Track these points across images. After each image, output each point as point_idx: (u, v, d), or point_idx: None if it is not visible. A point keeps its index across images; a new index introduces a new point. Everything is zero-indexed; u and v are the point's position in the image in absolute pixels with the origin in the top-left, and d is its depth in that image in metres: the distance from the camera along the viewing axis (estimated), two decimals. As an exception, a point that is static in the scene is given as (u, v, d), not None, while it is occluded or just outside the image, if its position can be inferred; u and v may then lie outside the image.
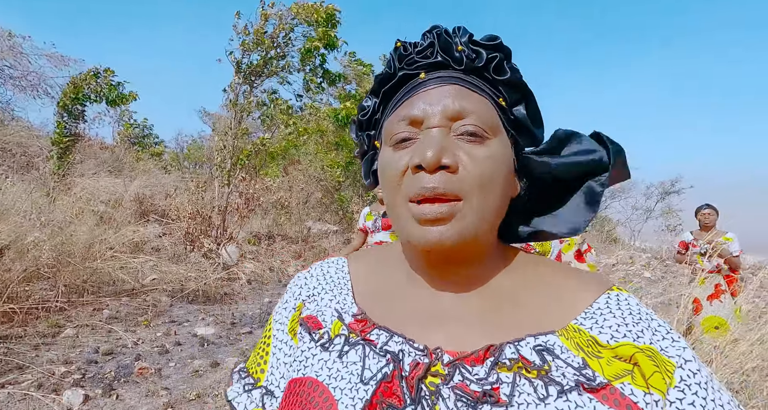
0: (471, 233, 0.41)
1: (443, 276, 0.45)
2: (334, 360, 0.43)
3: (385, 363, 0.41)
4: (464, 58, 0.44)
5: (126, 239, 5.71)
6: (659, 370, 0.37)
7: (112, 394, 2.58)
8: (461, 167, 0.40)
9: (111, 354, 3.18)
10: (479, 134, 0.42)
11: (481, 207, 0.41)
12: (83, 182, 6.98)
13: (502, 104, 0.45)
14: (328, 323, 0.46)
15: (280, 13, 6.76)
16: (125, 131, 10.59)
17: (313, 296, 0.51)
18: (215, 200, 7.17)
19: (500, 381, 0.38)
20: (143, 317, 4.07)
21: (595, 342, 0.39)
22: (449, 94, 0.43)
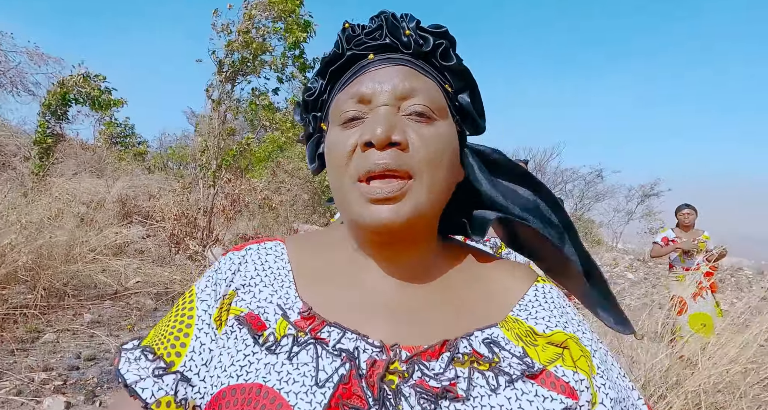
0: (421, 211, 0.41)
1: (390, 260, 0.45)
2: (282, 363, 0.39)
3: (340, 362, 0.38)
4: (412, 42, 0.44)
5: (108, 241, 5.58)
6: (584, 355, 0.42)
7: (95, 401, 2.51)
8: (411, 145, 0.40)
9: (93, 359, 3.09)
10: (427, 115, 0.42)
11: (431, 185, 0.41)
12: (63, 182, 6.80)
13: (448, 90, 0.46)
14: (272, 322, 0.42)
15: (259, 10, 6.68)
16: (107, 131, 10.36)
17: (249, 287, 0.45)
18: (200, 202, 7.06)
19: (457, 376, 0.39)
20: (127, 321, 3.98)
21: (532, 332, 0.43)
22: (398, 74, 0.43)
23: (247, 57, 6.75)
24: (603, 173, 20.67)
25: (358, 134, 0.41)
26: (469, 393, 0.38)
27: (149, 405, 0.40)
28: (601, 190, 20.92)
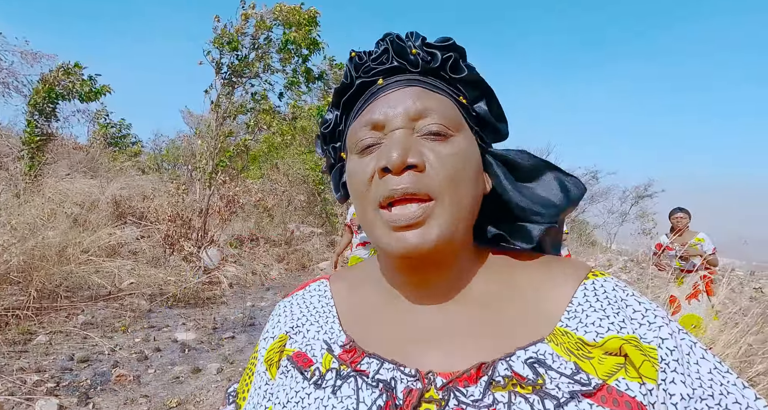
0: (448, 234, 0.40)
1: (422, 286, 0.44)
2: (328, 397, 0.40)
3: (378, 393, 0.39)
4: (420, 60, 0.44)
5: (102, 242, 5.53)
6: (647, 358, 0.36)
7: (88, 403, 2.48)
8: (428, 166, 0.40)
9: (87, 361, 3.06)
10: (443, 133, 0.41)
11: (455, 205, 0.40)
12: (56, 183, 6.74)
13: (463, 102, 0.45)
14: (318, 357, 0.44)
15: (261, 12, 6.70)
16: (100, 131, 10.28)
17: (298, 328, 0.48)
18: (196, 203, 7.02)
19: (496, 402, 0.36)
20: (120, 322, 3.94)
21: (583, 344, 0.38)
22: (409, 96, 0.42)
23: (244, 59, 6.75)
24: (598, 175, 20.80)
25: (375, 161, 0.41)
26: None
27: None
28: (596, 191, 21.05)
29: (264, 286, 6.06)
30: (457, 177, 0.40)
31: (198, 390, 2.76)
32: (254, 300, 5.24)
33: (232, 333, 3.93)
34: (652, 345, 0.37)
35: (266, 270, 6.70)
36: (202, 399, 2.64)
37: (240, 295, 5.48)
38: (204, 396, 2.67)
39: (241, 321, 4.30)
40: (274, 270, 6.82)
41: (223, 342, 3.69)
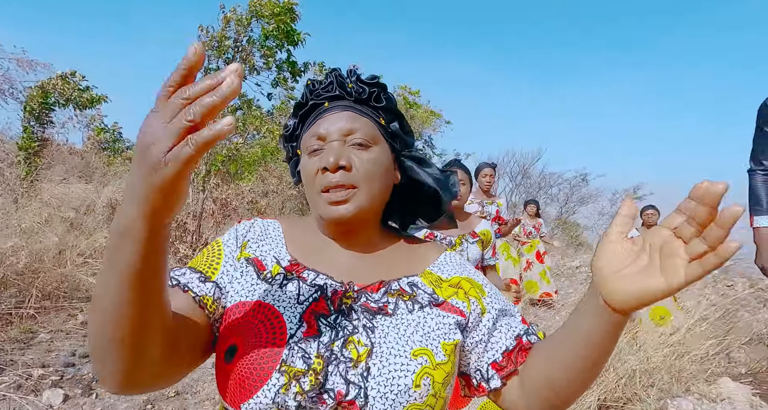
0: (362, 210, 0.61)
1: (344, 241, 0.67)
2: (276, 290, 0.59)
3: (314, 291, 0.59)
4: (354, 92, 0.65)
5: (98, 244, 5.68)
6: (474, 287, 0.66)
7: (91, 394, 2.65)
8: (353, 167, 0.61)
9: (88, 356, 3.22)
10: (364, 144, 0.63)
11: (369, 192, 0.62)
12: (53, 188, 6.87)
13: (381, 122, 0.66)
14: (269, 266, 0.62)
15: (241, 15, 6.84)
16: (95, 136, 10.40)
17: (255, 241, 0.66)
18: (189, 206, 7.17)
19: (388, 302, 0.60)
20: (118, 321, 4.10)
21: (439, 279, 0.66)
22: (344, 118, 0.63)
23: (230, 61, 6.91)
24: (588, 177, 21.14)
25: (319, 162, 0.61)
26: (395, 312, 0.59)
27: (198, 296, 0.58)
28: (585, 193, 21.39)
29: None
30: (372, 174, 0.62)
31: (194, 381, 2.93)
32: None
33: (226, 330, 4.10)
34: (480, 284, 0.68)
35: (260, 272, 6.86)
36: (198, 390, 2.82)
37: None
38: (200, 387, 2.84)
39: (235, 320, 4.47)
40: (267, 272, 6.98)
41: (218, 339, 3.86)
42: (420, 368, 0.54)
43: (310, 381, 0.51)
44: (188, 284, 0.59)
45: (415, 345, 0.56)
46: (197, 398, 2.71)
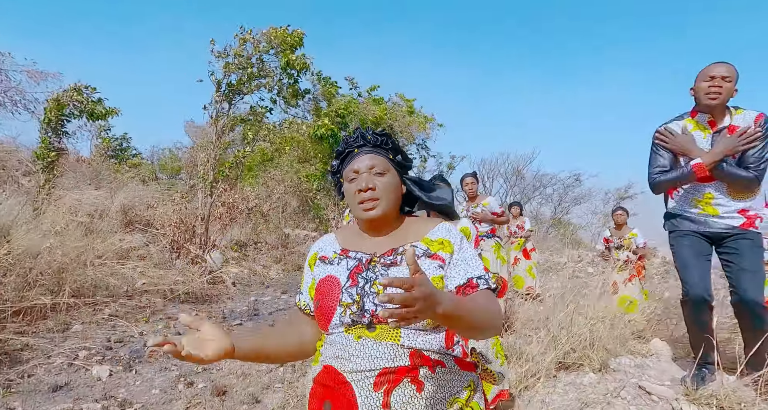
0: (383, 213, 1.03)
1: (374, 231, 1.09)
2: (334, 265, 1.03)
3: (355, 261, 1.03)
4: (371, 141, 1.09)
5: (114, 247, 6.10)
6: (452, 245, 1.00)
7: (131, 370, 3.09)
8: (377, 187, 1.04)
9: (121, 341, 3.66)
10: (382, 173, 1.05)
11: (386, 202, 1.03)
12: (71, 195, 7.29)
13: (390, 157, 1.10)
14: (329, 255, 1.07)
15: (257, 37, 7.37)
16: (103, 145, 10.82)
17: (323, 248, 1.11)
18: (198, 210, 7.60)
19: (397, 258, 1.01)
20: (141, 315, 4.53)
21: (431, 241, 1.03)
22: (368, 158, 1.06)
23: (243, 79, 7.40)
24: (581, 178, 21.62)
25: (356, 186, 1.04)
26: (401, 263, 0.95)
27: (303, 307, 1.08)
28: (579, 194, 21.85)
29: (264, 284, 6.66)
30: (388, 191, 1.04)
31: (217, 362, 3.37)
32: (257, 296, 5.84)
33: (240, 321, 4.53)
34: (451, 242, 1.02)
35: (265, 270, 7.30)
36: (222, 367, 3.25)
37: (243, 292, 6.07)
38: (223, 364, 3.28)
39: (246, 312, 4.90)
40: (272, 270, 7.41)
41: (233, 328, 4.29)
42: None
43: (355, 306, 0.95)
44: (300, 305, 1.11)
45: None
46: (222, 373, 3.15)
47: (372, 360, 0.89)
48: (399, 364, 0.89)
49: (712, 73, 2.09)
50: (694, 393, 1.95)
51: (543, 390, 2.30)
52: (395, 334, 0.92)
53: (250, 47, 7.16)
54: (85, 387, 2.79)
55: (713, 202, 2.16)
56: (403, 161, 1.11)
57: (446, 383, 0.92)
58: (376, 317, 0.92)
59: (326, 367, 0.94)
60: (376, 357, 0.89)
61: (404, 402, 0.87)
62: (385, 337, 0.91)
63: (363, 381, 0.88)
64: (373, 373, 0.88)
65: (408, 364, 0.89)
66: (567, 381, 2.32)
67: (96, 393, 2.72)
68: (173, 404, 2.61)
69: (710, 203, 2.17)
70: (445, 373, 0.92)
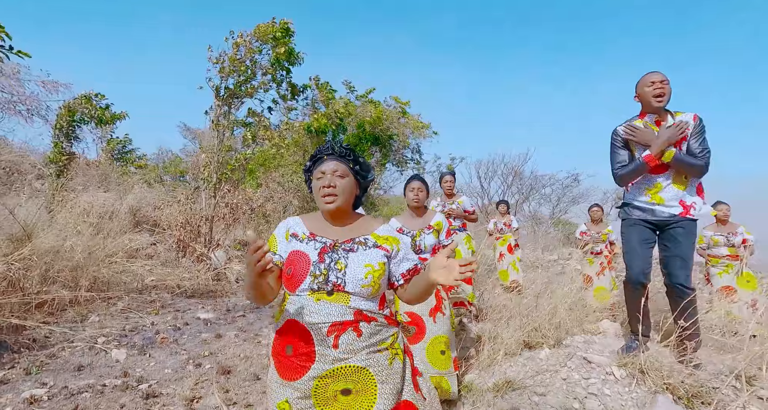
0: (338, 206, 1.40)
1: (335, 221, 1.45)
2: (305, 244, 1.38)
3: (322, 244, 1.38)
4: (338, 152, 1.45)
5: (125, 246, 6.47)
6: (395, 240, 1.41)
7: (145, 353, 3.45)
8: (337, 186, 1.40)
9: (135, 330, 4.02)
10: (342, 176, 1.42)
11: (342, 198, 1.40)
12: (83, 197, 7.66)
13: (351, 165, 1.46)
14: (300, 235, 1.41)
15: (248, 39, 7.71)
16: (109, 147, 11.21)
17: (292, 227, 1.45)
18: (203, 211, 7.97)
19: (354, 246, 1.37)
20: (151, 308, 4.89)
21: (378, 236, 1.41)
22: (334, 164, 1.42)
23: (240, 81, 7.76)
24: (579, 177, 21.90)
25: (321, 183, 1.40)
26: (357, 250, 1.35)
27: (275, 262, 1.39)
28: (577, 193, 22.12)
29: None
30: (344, 190, 1.41)
31: (222, 347, 3.72)
32: (258, 291, 6.20)
33: (243, 312, 4.89)
34: (397, 238, 1.42)
35: (267, 268, 7.64)
36: (227, 352, 3.60)
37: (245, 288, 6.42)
38: (228, 350, 3.63)
39: (249, 305, 5.25)
40: (273, 268, 7.76)
41: (237, 319, 4.65)
42: (367, 271, 1.34)
43: (322, 277, 1.30)
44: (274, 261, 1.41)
45: (365, 261, 1.33)
46: (226, 355, 3.50)
47: (327, 315, 1.24)
48: (346, 319, 1.24)
49: (652, 79, 2.43)
50: (623, 359, 2.29)
51: (506, 364, 2.64)
52: (346, 299, 1.27)
53: (243, 50, 7.51)
54: (105, 367, 3.16)
55: (661, 192, 2.49)
56: (361, 170, 1.46)
57: (377, 332, 1.28)
58: (336, 286, 1.28)
59: (288, 321, 1.29)
60: (330, 313, 1.24)
61: (348, 343, 1.23)
62: (338, 301, 1.27)
63: (319, 329, 1.23)
64: (327, 324, 1.23)
65: (352, 319, 1.25)
66: (527, 357, 2.66)
67: (115, 371, 3.08)
68: (184, 381, 2.96)
69: (659, 192, 2.49)
70: (377, 326, 1.28)
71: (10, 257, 3.97)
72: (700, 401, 1.92)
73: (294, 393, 1.23)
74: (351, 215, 1.47)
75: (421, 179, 2.83)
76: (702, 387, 1.97)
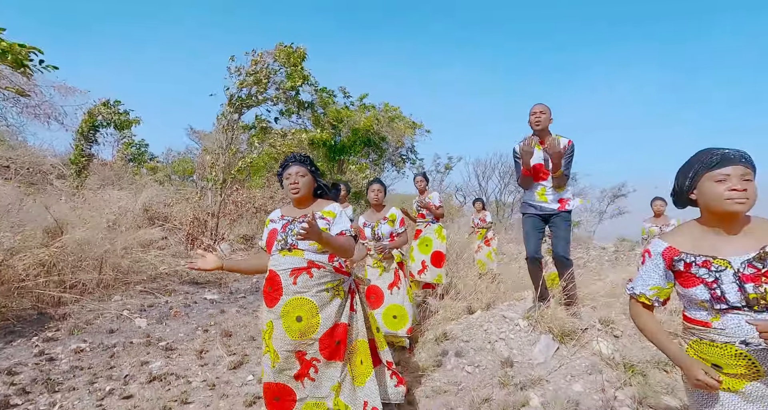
0: (301, 195, 2.10)
1: (298, 206, 2.15)
2: (277, 223, 2.07)
3: (286, 221, 2.07)
4: (301, 159, 2.16)
5: (142, 239, 7.24)
6: (334, 214, 2.12)
7: (162, 322, 4.18)
8: (299, 182, 2.11)
9: (152, 306, 4.76)
10: (303, 175, 2.12)
11: (303, 189, 2.10)
12: (101, 195, 8.45)
13: (309, 168, 2.17)
14: (275, 219, 2.12)
15: (266, 59, 8.48)
16: (124, 150, 12.03)
17: (272, 217, 2.15)
18: (209, 207, 8.74)
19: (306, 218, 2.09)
20: (165, 291, 5.63)
21: (324, 211, 2.12)
22: (296, 168, 2.12)
23: (252, 93, 8.53)
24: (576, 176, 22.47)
25: (288, 181, 2.10)
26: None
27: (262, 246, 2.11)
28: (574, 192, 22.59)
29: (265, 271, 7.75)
30: (304, 184, 2.11)
31: (225, 319, 4.45)
32: (258, 278, 6.92)
33: (244, 295, 5.62)
34: (335, 213, 2.12)
35: (267, 260, 8.39)
36: (229, 322, 4.33)
37: (246, 276, 7.16)
38: (230, 321, 4.36)
39: (249, 290, 5.99)
40: (273, 260, 8.50)
41: (239, 300, 5.38)
42: None
43: (283, 241, 2.01)
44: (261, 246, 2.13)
45: None
46: (229, 323, 4.22)
47: (289, 264, 1.95)
48: (302, 266, 1.95)
49: (534, 110, 3.15)
50: (525, 314, 2.99)
51: (449, 325, 3.34)
52: (301, 253, 1.98)
53: (260, 67, 8.27)
54: (131, 331, 3.90)
55: (545, 193, 3.19)
56: (316, 170, 2.17)
57: (325, 276, 1.98)
58: (292, 245, 1.99)
59: (270, 271, 2.00)
60: (291, 263, 1.95)
61: (303, 282, 1.93)
62: (296, 255, 1.97)
63: (284, 273, 1.94)
64: (289, 270, 1.94)
65: (306, 266, 1.95)
66: (465, 318, 3.36)
67: (139, 334, 3.82)
68: (194, 341, 3.69)
69: (543, 193, 3.19)
70: (325, 272, 1.98)
71: (51, 247, 4.72)
72: (569, 337, 2.62)
73: (272, 315, 1.94)
74: (311, 201, 2.17)
75: (380, 182, 3.54)
76: (573, 329, 2.67)
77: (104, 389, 2.71)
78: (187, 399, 2.60)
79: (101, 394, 2.64)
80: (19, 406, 2.48)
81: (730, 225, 1.33)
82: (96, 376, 2.91)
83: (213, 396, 2.67)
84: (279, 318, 1.94)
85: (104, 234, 6.34)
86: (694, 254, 1.35)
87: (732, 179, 1.27)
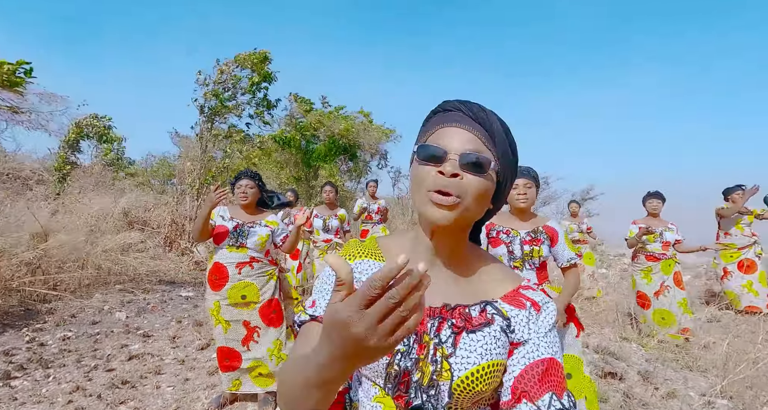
0: (247, 202, 2.68)
1: (245, 211, 2.76)
2: (227, 222, 2.67)
3: (236, 222, 2.65)
4: (249, 174, 2.75)
5: (121, 242, 7.68)
6: (276, 223, 2.74)
7: (140, 316, 4.70)
8: (247, 193, 2.68)
9: (131, 302, 5.26)
10: (252, 187, 2.70)
11: (250, 199, 2.71)
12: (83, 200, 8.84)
13: (255, 182, 2.76)
14: (225, 216, 2.73)
15: (231, 67, 9.00)
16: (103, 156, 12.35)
17: (220, 211, 2.76)
18: (187, 211, 9.20)
19: (254, 225, 2.69)
20: (143, 289, 6.12)
21: (268, 221, 2.73)
22: (246, 181, 2.68)
23: (221, 101, 9.04)
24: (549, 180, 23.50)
25: (239, 191, 2.68)
26: (254, 227, 2.70)
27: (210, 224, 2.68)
28: (547, 195, 23.70)
29: (240, 271, 8.27)
30: (252, 195, 2.70)
31: (198, 312, 4.98)
32: (232, 278, 7.44)
33: (217, 292, 6.15)
34: (277, 222, 2.74)
35: (242, 261, 8.89)
36: (201, 315, 4.86)
37: (222, 276, 7.67)
38: (202, 314, 4.89)
39: (223, 288, 6.51)
40: (248, 261, 9.00)
41: (212, 296, 5.90)
42: (258, 238, 2.65)
43: (234, 240, 2.58)
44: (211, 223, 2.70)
45: (258, 233, 2.64)
46: (199, 317, 4.76)
47: (235, 259, 2.54)
48: (245, 260, 2.54)
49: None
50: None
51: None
52: (245, 250, 2.56)
53: (226, 76, 8.80)
54: (112, 323, 4.41)
55: None
56: (261, 184, 2.76)
57: (263, 267, 2.58)
58: (241, 244, 2.57)
59: (215, 263, 2.58)
60: (237, 257, 2.54)
61: (246, 272, 2.52)
62: (241, 251, 2.56)
63: (231, 265, 2.53)
64: (234, 263, 2.53)
65: (248, 260, 2.55)
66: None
67: (120, 324, 4.33)
68: (169, 330, 4.22)
69: None
70: (262, 264, 2.58)
71: (38, 250, 5.18)
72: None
73: (218, 297, 2.53)
74: (256, 209, 2.75)
75: (332, 184, 4.20)
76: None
77: (90, 365, 3.24)
78: (160, 370, 3.16)
79: (87, 369, 3.17)
80: (18, 378, 2.99)
81: None
82: (82, 356, 3.43)
83: (182, 368, 3.23)
84: (225, 299, 2.53)
85: (86, 237, 6.78)
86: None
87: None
